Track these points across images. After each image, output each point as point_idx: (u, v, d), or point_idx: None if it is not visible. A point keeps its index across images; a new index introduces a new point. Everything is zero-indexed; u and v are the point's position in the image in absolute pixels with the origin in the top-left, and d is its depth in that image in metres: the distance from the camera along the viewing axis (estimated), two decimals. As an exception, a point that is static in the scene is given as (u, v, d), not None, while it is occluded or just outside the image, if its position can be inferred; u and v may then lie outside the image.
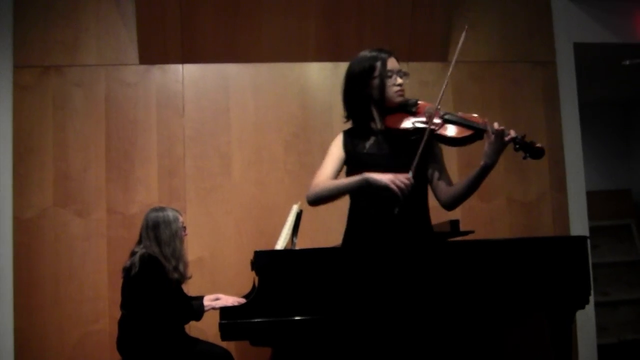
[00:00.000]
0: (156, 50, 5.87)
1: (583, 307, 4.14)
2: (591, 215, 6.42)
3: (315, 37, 6.01)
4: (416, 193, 3.60)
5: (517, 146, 3.47)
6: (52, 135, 5.73)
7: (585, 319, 6.10)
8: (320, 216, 5.84)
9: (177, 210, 4.95)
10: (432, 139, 3.58)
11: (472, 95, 6.17)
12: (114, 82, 5.86)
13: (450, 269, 3.68)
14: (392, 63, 3.68)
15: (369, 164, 3.53)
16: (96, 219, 5.71)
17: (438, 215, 4.09)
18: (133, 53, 5.90)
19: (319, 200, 3.67)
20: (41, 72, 5.78)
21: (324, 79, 6.08)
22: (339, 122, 5.91)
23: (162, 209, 4.91)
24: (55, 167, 5.71)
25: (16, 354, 5.52)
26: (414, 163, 3.42)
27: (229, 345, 5.02)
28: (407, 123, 3.60)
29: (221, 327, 3.65)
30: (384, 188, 3.36)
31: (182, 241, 4.85)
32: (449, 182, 3.72)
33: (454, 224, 4.06)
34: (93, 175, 5.74)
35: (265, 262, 3.72)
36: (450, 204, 3.70)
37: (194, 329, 5.21)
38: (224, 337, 3.67)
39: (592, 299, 4.20)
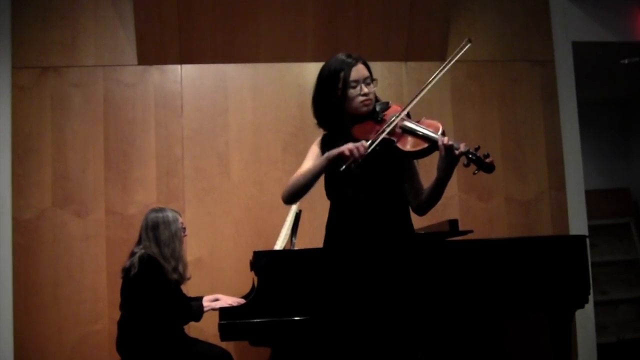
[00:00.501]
0: (154, 50, 5.87)
1: (582, 307, 4.14)
2: (590, 214, 6.42)
3: (313, 37, 6.01)
4: (394, 193, 3.63)
5: (466, 162, 3.40)
6: (50, 136, 5.73)
7: (585, 318, 6.10)
8: (320, 216, 5.82)
9: (176, 211, 4.95)
10: (391, 149, 3.52)
11: (470, 95, 6.17)
12: (112, 83, 5.86)
13: (449, 268, 3.68)
14: (356, 73, 3.59)
15: (341, 171, 3.51)
16: (95, 220, 5.71)
17: (437, 215, 4.10)
18: (131, 54, 5.90)
19: (292, 195, 3.65)
20: (39, 72, 5.78)
21: (322, 78, 6.07)
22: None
23: (162, 209, 4.91)
24: (53, 167, 5.71)
25: (15, 354, 5.52)
26: (376, 140, 3.39)
27: (228, 346, 5.02)
28: (369, 133, 3.55)
29: (220, 327, 3.64)
30: (339, 155, 3.33)
31: (181, 242, 4.85)
32: (420, 189, 3.70)
33: (453, 223, 4.04)
34: (91, 175, 5.74)
35: (264, 262, 3.72)
36: (418, 210, 3.72)
37: (193, 329, 5.21)
38: (223, 338, 3.67)
39: (591, 298, 4.21)
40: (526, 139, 6.18)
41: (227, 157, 5.90)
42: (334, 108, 3.62)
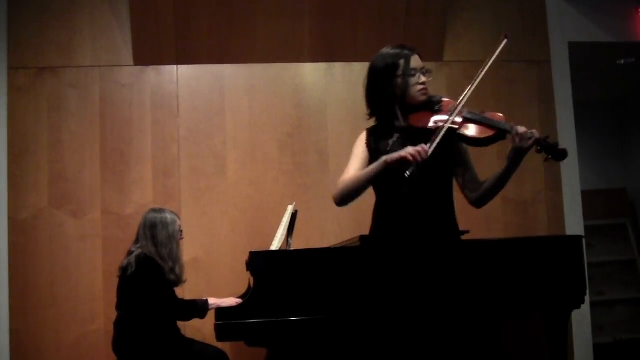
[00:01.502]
0: (151, 51, 5.87)
1: (579, 307, 4.14)
2: (586, 215, 6.43)
3: (309, 38, 6.01)
4: (440, 191, 3.61)
5: (539, 147, 3.44)
6: (47, 136, 5.73)
7: (581, 319, 6.10)
8: (315, 217, 5.85)
9: (175, 213, 4.97)
10: (454, 137, 3.55)
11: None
12: (109, 83, 5.86)
13: (445, 269, 3.68)
14: (415, 61, 3.63)
15: (391, 170, 3.48)
16: (91, 220, 5.71)
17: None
18: (127, 54, 5.90)
19: (345, 197, 3.59)
20: (36, 73, 5.78)
21: (318, 79, 6.08)
22: (333, 122, 5.95)
23: (161, 210, 4.92)
24: (50, 168, 5.71)
25: (12, 354, 5.52)
26: (434, 143, 3.37)
27: (225, 346, 5.02)
28: (430, 122, 3.55)
29: (217, 327, 3.64)
30: (399, 160, 3.30)
31: (178, 244, 4.86)
32: (477, 181, 3.70)
33: (449, 223, 4.05)
34: (88, 176, 5.74)
35: (260, 262, 3.72)
36: (477, 203, 3.72)
37: (189, 329, 5.22)
38: (219, 338, 3.67)
39: (587, 298, 4.21)
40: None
41: (224, 157, 5.90)
42: (389, 97, 3.61)
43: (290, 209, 4.96)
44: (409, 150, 3.28)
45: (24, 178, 5.68)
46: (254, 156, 5.93)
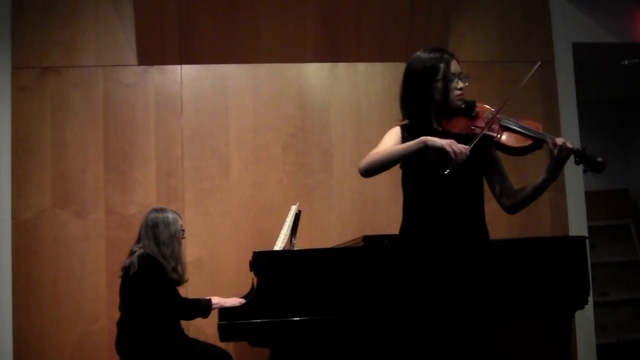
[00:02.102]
0: (154, 51, 5.87)
1: (582, 308, 4.15)
2: (590, 215, 6.42)
3: (313, 38, 6.01)
4: (471, 194, 3.59)
5: (577, 159, 3.41)
6: (50, 136, 5.73)
7: (584, 319, 6.09)
8: (319, 217, 5.85)
9: (177, 213, 4.96)
10: (489, 145, 3.54)
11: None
12: (112, 83, 5.86)
13: (449, 269, 3.68)
14: (454, 66, 3.61)
15: (425, 160, 3.44)
16: (94, 220, 5.71)
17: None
18: (131, 54, 5.90)
19: (373, 167, 3.47)
20: (39, 73, 5.78)
21: (321, 79, 6.08)
22: (337, 123, 5.95)
23: (162, 210, 4.92)
24: (53, 168, 5.71)
25: (15, 354, 5.52)
26: (472, 142, 3.36)
27: (228, 346, 5.02)
28: (466, 128, 3.54)
29: (220, 327, 3.65)
30: (440, 148, 3.27)
31: (180, 243, 4.86)
32: (511, 188, 3.68)
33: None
34: (91, 176, 5.74)
35: (264, 262, 3.73)
36: (513, 210, 3.68)
37: (193, 329, 5.22)
38: (223, 338, 3.68)
39: (590, 299, 4.21)
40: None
41: (227, 157, 5.90)
42: (427, 100, 3.58)
43: (293, 209, 4.96)
44: (452, 145, 3.24)
45: (27, 178, 5.68)
46: (258, 156, 5.93)
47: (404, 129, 3.64)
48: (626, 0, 6.58)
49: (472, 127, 3.49)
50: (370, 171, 3.49)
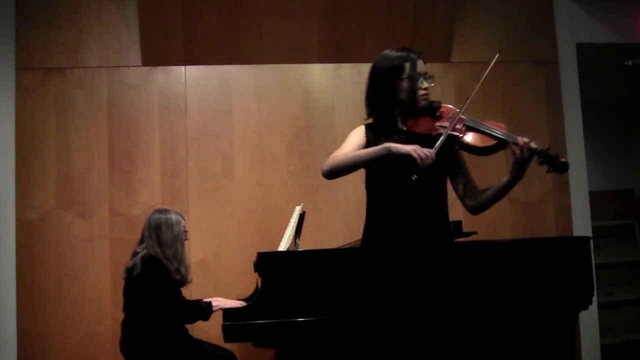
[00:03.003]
0: (158, 51, 5.88)
1: (586, 308, 4.14)
2: (594, 216, 6.41)
3: (318, 39, 6.01)
4: (436, 195, 3.57)
5: (541, 159, 3.41)
6: (54, 137, 5.74)
7: (589, 319, 6.09)
8: (323, 217, 5.85)
9: (180, 214, 4.96)
10: (453, 145, 3.53)
11: (474, 95, 6.16)
12: (117, 84, 5.87)
13: (452, 269, 3.68)
14: (420, 65, 3.60)
15: (390, 163, 3.47)
16: (98, 221, 5.71)
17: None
18: (135, 55, 5.91)
19: (336, 170, 3.49)
20: (43, 74, 5.79)
21: (326, 80, 6.08)
22: (341, 123, 5.95)
23: (165, 211, 4.92)
24: (57, 168, 5.71)
25: (19, 355, 5.53)
26: (437, 145, 3.36)
27: (233, 347, 5.02)
28: (430, 128, 3.54)
29: (224, 328, 3.65)
30: (405, 155, 3.28)
31: (183, 244, 4.85)
32: (475, 188, 3.65)
33: (457, 225, 4.04)
34: (95, 176, 5.75)
35: (268, 263, 3.73)
36: (475, 210, 3.63)
37: (197, 330, 5.22)
38: (227, 339, 3.68)
39: (595, 299, 4.21)
40: (530, 140, 6.17)
41: (231, 158, 5.90)
42: (392, 99, 3.58)
43: (298, 210, 4.96)
44: (417, 151, 3.25)
45: (31, 179, 5.69)
46: (262, 157, 5.93)
47: (368, 128, 3.65)
48: (630, 0, 6.58)
49: (437, 127, 3.49)
50: (333, 173, 3.51)
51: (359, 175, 3.65)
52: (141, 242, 4.85)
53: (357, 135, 3.65)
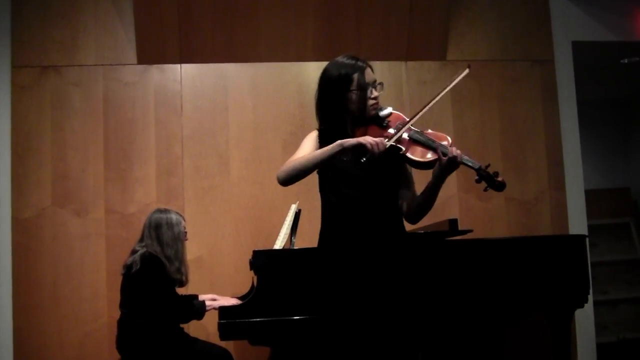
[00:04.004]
0: (154, 49, 5.87)
1: (582, 306, 4.14)
2: (590, 214, 6.42)
3: (313, 37, 6.00)
4: (391, 197, 3.59)
5: (478, 177, 3.39)
6: (50, 135, 5.73)
7: (585, 318, 6.10)
8: (319, 216, 5.84)
9: (180, 214, 4.97)
10: (397, 157, 3.50)
11: (470, 94, 6.17)
12: (112, 82, 5.86)
13: (448, 268, 3.68)
14: (369, 75, 3.60)
15: (343, 169, 3.47)
16: (94, 219, 5.71)
17: (437, 214, 4.10)
18: (131, 53, 5.90)
19: (292, 175, 3.51)
20: (39, 72, 5.78)
21: (322, 78, 6.07)
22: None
23: (166, 211, 4.93)
24: (53, 166, 5.71)
25: (15, 353, 5.52)
26: (393, 138, 3.37)
27: (228, 345, 5.03)
28: (376, 135, 3.51)
29: (220, 326, 3.65)
30: (357, 145, 3.29)
31: (183, 244, 4.87)
32: (414, 197, 3.64)
33: (453, 223, 4.05)
34: (91, 175, 5.74)
35: (264, 261, 3.73)
36: (412, 218, 3.64)
37: (193, 328, 5.22)
38: (223, 337, 3.68)
39: (591, 297, 4.21)
40: (526, 138, 6.19)
41: (227, 156, 5.90)
42: (341, 110, 3.59)
43: (293, 208, 4.96)
44: (367, 139, 3.27)
45: (27, 177, 5.68)
46: (258, 155, 5.93)
47: (321, 135, 3.67)
48: (626, -1, 6.59)
49: (384, 136, 3.46)
50: (289, 180, 3.54)
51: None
52: (140, 240, 4.86)
53: (311, 140, 3.70)
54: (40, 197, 5.68)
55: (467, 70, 3.70)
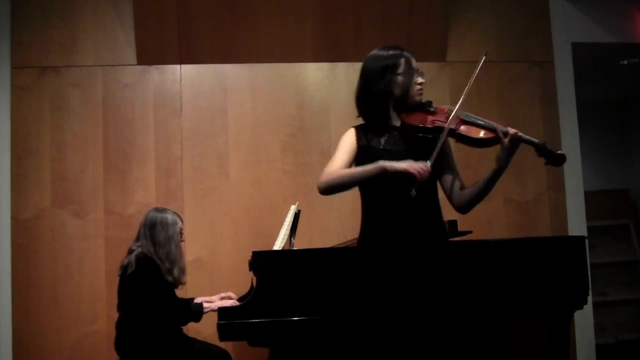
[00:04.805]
0: (153, 50, 5.87)
1: (581, 308, 4.13)
2: (589, 215, 6.42)
3: (313, 38, 6.01)
4: (429, 193, 3.58)
5: (539, 152, 3.45)
6: (49, 136, 5.73)
7: (584, 319, 6.10)
8: (318, 217, 5.85)
9: (177, 214, 4.95)
10: (449, 137, 3.55)
11: (469, 95, 6.11)
12: (112, 83, 5.86)
13: (448, 269, 3.68)
14: (414, 62, 3.64)
15: (385, 160, 3.46)
16: (94, 220, 5.71)
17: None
18: (130, 54, 5.90)
19: (332, 188, 3.56)
20: (39, 72, 5.78)
21: (321, 79, 6.08)
22: (336, 123, 5.95)
23: (163, 210, 4.91)
24: (52, 167, 5.71)
25: (14, 354, 5.52)
26: (433, 154, 3.37)
27: (227, 346, 5.03)
28: (427, 121, 3.55)
29: (219, 327, 3.64)
30: (402, 172, 3.28)
31: (177, 246, 4.84)
32: (462, 186, 3.65)
33: (452, 224, 4.04)
34: (90, 175, 5.74)
35: (263, 262, 3.72)
36: (463, 208, 3.62)
37: (191, 329, 5.21)
38: (222, 338, 3.67)
39: (590, 299, 4.20)
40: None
41: (226, 157, 5.90)
42: (385, 95, 3.59)
43: (293, 209, 4.95)
44: (414, 166, 3.27)
45: (26, 178, 5.68)
46: (257, 156, 5.93)
47: (360, 130, 3.68)
48: (625, 0, 6.58)
49: (432, 120, 3.50)
50: (329, 191, 3.58)
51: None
52: (137, 239, 4.85)
53: (349, 140, 3.68)
54: (39, 197, 5.68)
55: (484, 57, 3.76)
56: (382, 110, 3.61)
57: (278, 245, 4.64)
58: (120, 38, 5.91)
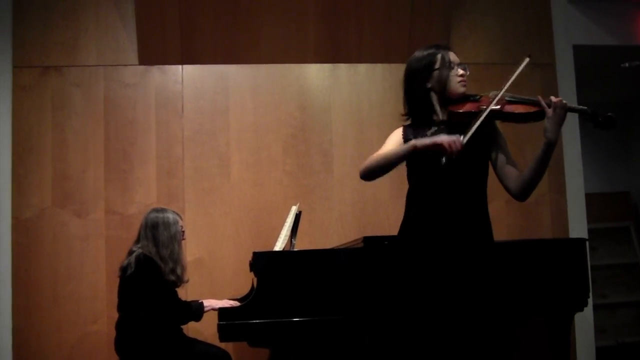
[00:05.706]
0: (155, 51, 5.87)
1: (582, 310, 4.14)
2: (590, 218, 6.41)
3: (314, 39, 6.01)
4: (475, 188, 3.56)
5: (585, 117, 3.56)
6: (51, 136, 5.73)
7: (584, 322, 6.09)
8: (319, 217, 5.85)
9: (177, 214, 4.95)
10: (494, 120, 3.59)
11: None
12: (113, 83, 5.86)
13: (448, 268, 3.67)
14: (452, 56, 3.64)
15: (424, 158, 3.41)
16: (95, 219, 5.71)
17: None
18: (132, 54, 5.90)
19: (370, 172, 3.49)
20: (40, 72, 5.78)
21: (322, 80, 6.08)
22: (337, 123, 5.95)
23: (163, 210, 4.91)
24: (54, 167, 5.71)
25: (14, 353, 5.52)
26: (471, 130, 3.34)
27: (227, 346, 5.02)
28: (473, 107, 3.54)
29: (220, 327, 3.65)
30: (431, 146, 3.24)
31: (180, 244, 4.84)
32: (518, 170, 3.60)
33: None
34: (92, 175, 5.74)
35: (264, 263, 3.73)
36: (521, 193, 3.54)
37: (192, 329, 5.21)
38: (222, 338, 3.68)
39: (590, 301, 4.21)
40: (526, 142, 6.16)
41: (228, 157, 5.90)
42: (427, 91, 3.58)
43: (294, 209, 4.96)
44: (443, 138, 3.23)
45: (27, 177, 5.68)
46: (258, 157, 5.93)
47: (407, 128, 3.64)
48: (627, 2, 6.58)
49: (480, 107, 3.51)
50: (367, 175, 3.50)
51: (354, 176, 3.65)
52: (137, 241, 4.84)
53: (395, 136, 3.66)
54: (40, 197, 5.68)
55: (527, 59, 3.75)
56: (426, 107, 3.58)
57: (279, 246, 4.64)
58: (122, 38, 5.91)
